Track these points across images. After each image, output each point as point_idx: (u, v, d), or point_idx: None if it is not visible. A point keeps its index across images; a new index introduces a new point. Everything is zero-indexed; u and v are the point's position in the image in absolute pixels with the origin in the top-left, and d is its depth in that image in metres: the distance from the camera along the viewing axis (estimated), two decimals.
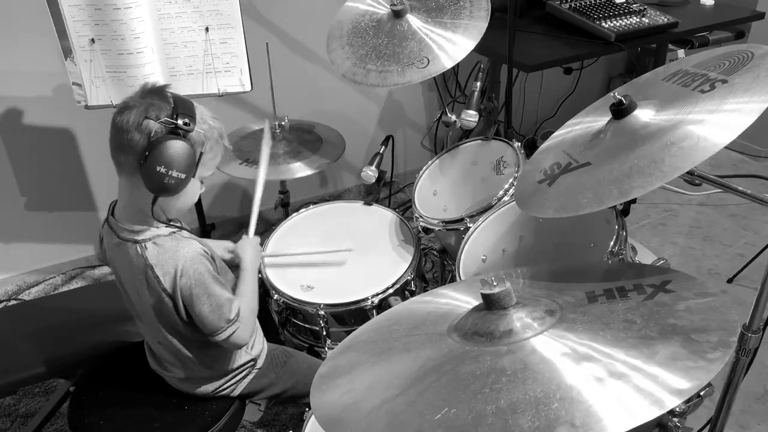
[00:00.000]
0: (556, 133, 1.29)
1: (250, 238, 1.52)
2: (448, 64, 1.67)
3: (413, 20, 1.77)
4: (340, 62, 1.81)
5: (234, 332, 1.29)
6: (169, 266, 1.22)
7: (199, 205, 2.21)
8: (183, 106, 1.18)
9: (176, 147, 1.15)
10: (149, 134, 1.14)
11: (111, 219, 1.27)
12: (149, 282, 1.23)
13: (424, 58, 1.68)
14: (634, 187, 0.94)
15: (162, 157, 1.14)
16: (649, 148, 0.98)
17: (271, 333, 1.61)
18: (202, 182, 1.28)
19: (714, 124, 0.93)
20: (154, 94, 1.19)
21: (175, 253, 1.22)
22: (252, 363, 1.45)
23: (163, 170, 1.14)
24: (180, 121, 1.15)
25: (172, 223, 1.28)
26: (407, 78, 1.68)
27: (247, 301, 1.35)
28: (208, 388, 1.40)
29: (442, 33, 1.72)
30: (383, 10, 1.85)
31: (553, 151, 1.22)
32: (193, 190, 1.26)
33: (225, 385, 1.41)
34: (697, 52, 1.22)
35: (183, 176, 1.16)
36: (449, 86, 2.94)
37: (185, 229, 1.30)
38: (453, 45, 1.69)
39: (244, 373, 1.44)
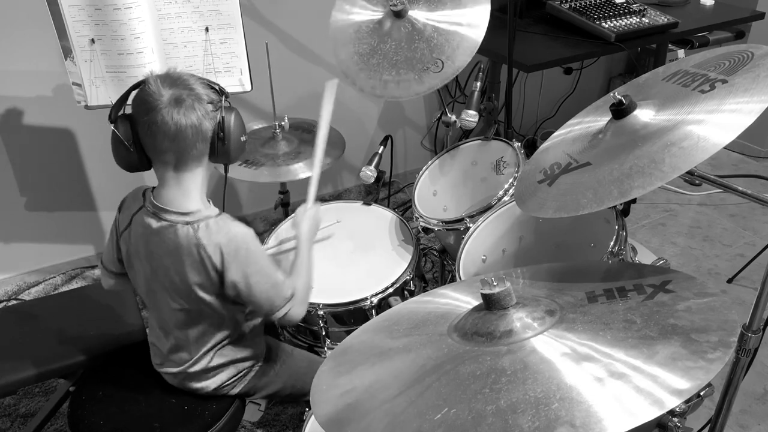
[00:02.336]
0: (556, 133, 1.29)
1: (308, 208, 1.52)
2: (464, 60, 1.64)
3: (417, 16, 1.75)
4: (354, 75, 1.78)
5: (290, 310, 1.32)
6: (221, 244, 1.23)
7: None
8: (208, 80, 1.26)
9: (236, 115, 1.27)
10: (217, 116, 1.23)
11: (153, 204, 1.27)
12: (200, 261, 1.23)
13: (437, 60, 1.65)
14: (634, 187, 0.94)
15: (237, 128, 1.26)
16: (649, 148, 0.98)
17: (271, 333, 1.61)
18: None
19: (714, 124, 0.93)
20: (182, 80, 1.21)
21: (227, 233, 1.24)
22: (254, 360, 1.45)
23: (244, 138, 1.30)
24: (223, 93, 1.26)
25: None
26: (427, 85, 1.65)
27: (302, 277, 1.39)
28: (209, 384, 1.39)
29: (448, 19, 1.70)
30: (378, 13, 1.82)
31: (553, 151, 1.22)
32: None
33: (226, 383, 1.41)
34: (697, 52, 1.22)
35: (245, 138, 1.31)
36: (449, 86, 2.94)
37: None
38: (463, 36, 1.66)
39: (244, 371, 1.44)
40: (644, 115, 1.06)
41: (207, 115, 1.21)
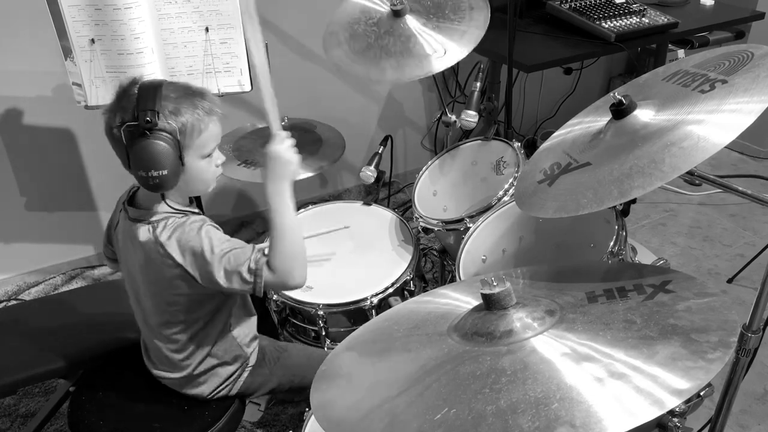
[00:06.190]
0: (556, 133, 1.29)
1: (274, 145, 1.25)
2: (468, 47, 1.66)
3: (412, 22, 1.76)
4: (348, 67, 1.78)
5: (267, 281, 1.18)
6: (178, 239, 1.21)
7: (198, 205, 2.21)
8: (145, 102, 1.12)
9: (146, 148, 1.11)
10: (120, 141, 1.13)
11: (128, 202, 1.28)
12: (160, 260, 1.22)
13: (441, 48, 1.66)
14: (634, 187, 0.94)
15: (138, 160, 1.12)
16: (649, 148, 0.98)
17: (270, 333, 1.61)
18: (209, 156, 1.23)
19: (714, 124, 0.93)
20: (122, 96, 1.17)
21: (182, 227, 1.21)
22: (241, 362, 1.44)
23: (143, 173, 1.13)
24: (141, 120, 1.10)
25: (189, 208, 1.28)
26: (426, 69, 1.65)
27: (282, 240, 1.20)
28: (204, 390, 1.39)
29: (446, 29, 1.72)
30: (383, 8, 1.83)
31: (553, 151, 1.22)
32: (198, 173, 1.22)
33: (220, 387, 1.41)
34: (697, 52, 1.22)
35: (165, 172, 1.13)
36: (449, 86, 2.94)
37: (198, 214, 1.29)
38: (465, 31, 1.70)
39: (236, 374, 1.43)
40: (644, 115, 1.06)
41: (114, 136, 1.15)
